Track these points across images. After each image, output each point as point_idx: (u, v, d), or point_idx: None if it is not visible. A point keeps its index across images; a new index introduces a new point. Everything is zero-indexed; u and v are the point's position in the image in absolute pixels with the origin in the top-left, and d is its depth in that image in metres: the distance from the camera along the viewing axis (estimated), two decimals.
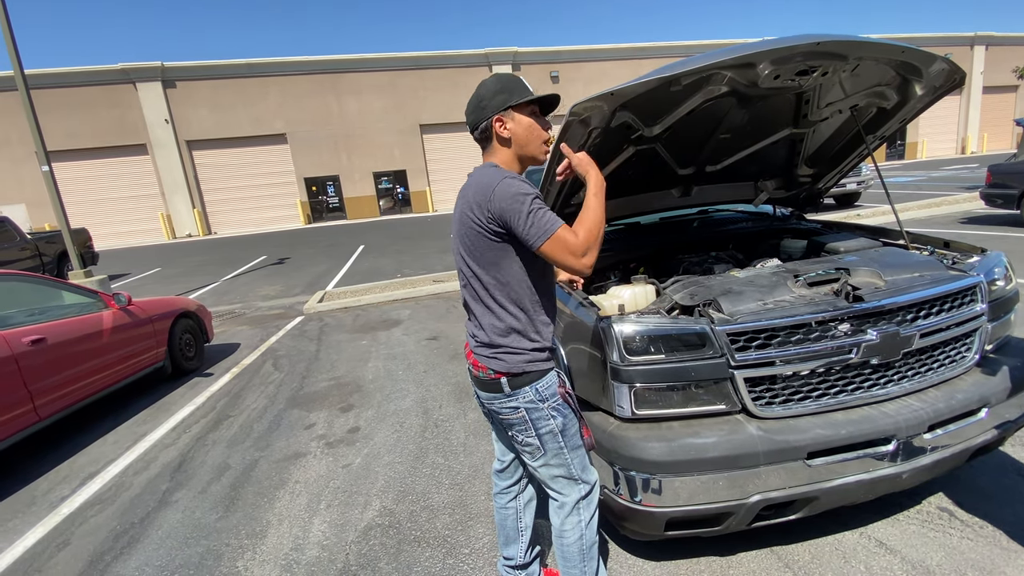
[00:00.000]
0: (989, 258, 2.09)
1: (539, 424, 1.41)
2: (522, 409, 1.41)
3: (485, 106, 1.40)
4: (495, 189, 1.28)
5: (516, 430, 1.45)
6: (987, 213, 9.01)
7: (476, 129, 1.43)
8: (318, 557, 2.17)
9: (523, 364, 1.38)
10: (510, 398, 1.41)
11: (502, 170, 1.34)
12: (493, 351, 1.40)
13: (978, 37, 29.91)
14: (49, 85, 19.74)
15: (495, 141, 1.41)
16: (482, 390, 1.47)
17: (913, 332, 1.72)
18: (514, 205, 1.26)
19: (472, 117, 1.43)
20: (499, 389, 1.41)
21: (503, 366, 1.39)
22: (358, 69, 23.08)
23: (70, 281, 5.67)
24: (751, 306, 1.74)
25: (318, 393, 4.06)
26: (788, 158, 2.94)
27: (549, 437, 1.42)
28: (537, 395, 1.40)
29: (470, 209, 1.33)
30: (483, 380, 1.44)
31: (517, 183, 1.29)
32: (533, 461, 1.48)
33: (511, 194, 1.27)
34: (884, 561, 1.85)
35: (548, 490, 1.52)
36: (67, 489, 2.95)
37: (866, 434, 1.61)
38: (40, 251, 9.95)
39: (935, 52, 2.04)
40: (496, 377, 1.40)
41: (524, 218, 1.25)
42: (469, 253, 1.37)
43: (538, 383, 1.40)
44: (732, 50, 1.75)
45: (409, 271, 9.10)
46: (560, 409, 1.42)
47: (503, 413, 1.45)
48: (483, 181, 1.33)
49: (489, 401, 1.47)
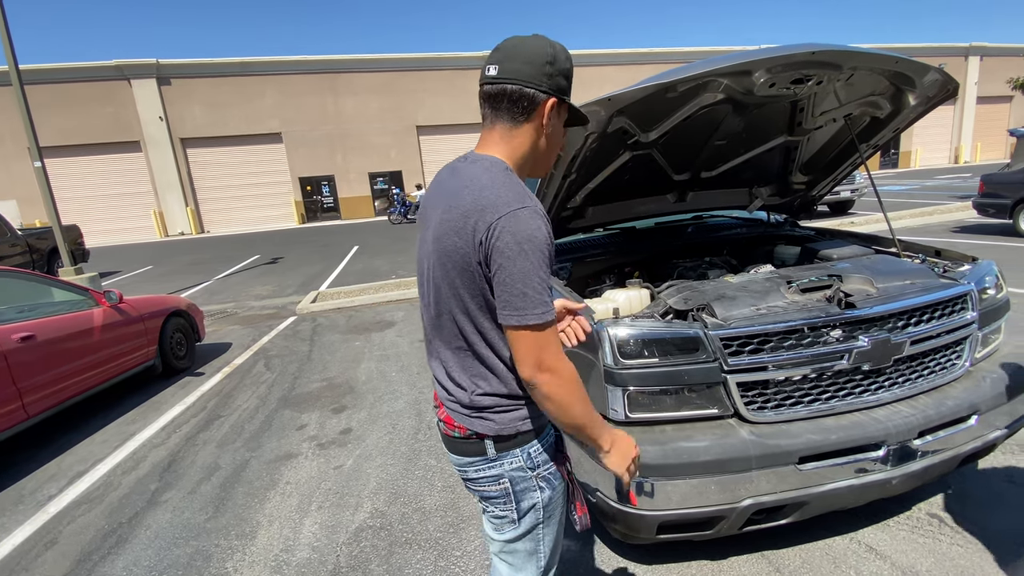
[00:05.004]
0: (980, 267, 2.12)
1: (522, 497, 1.10)
2: (506, 479, 1.09)
3: (552, 75, 1.00)
4: (506, 219, 0.92)
5: (491, 503, 1.13)
6: (979, 222, 9.11)
7: (515, 91, 0.98)
8: (308, 559, 2.16)
9: (517, 423, 1.07)
10: (493, 464, 1.09)
11: (518, 184, 0.99)
12: (478, 411, 1.07)
13: (972, 48, 30.30)
14: (43, 81, 19.57)
15: (527, 123, 1.02)
16: (455, 453, 1.13)
17: (904, 339, 1.73)
18: (518, 263, 0.91)
19: (525, 69, 0.98)
20: (480, 452, 1.09)
21: (491, 427, 1.07)
22: (355, 69, 23.06)
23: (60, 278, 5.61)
24: (744, 311, 1.75)
25: (310, 394, 4.03)
26: (783, 165, 2.97)
27: (530, 513, 1.11)
28: (528, 461, 1.08)
29: (462, 220, 0.96)
30: (457, 441, 1.11)
31: (540, 225, 0.93)
32: (496, 533, 1.16)
33: (524, 239, 0.91)
34: (874, 566, 1.86)
35: (500, 559, 1.20)
36: (55, 488, 2.91)
37: (857, 439, 1.62)
38: (31, 247, 9.84)
39: (929, 63, 2.07)
40: (477, 438, 1.08)
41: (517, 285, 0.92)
42: (458, 277, 1.00)
43: (531, 446, 1.09)
44: (728, 58, 1.77)
45: (404, 272, 9.08)
46: (551, 479, 1.12)
47: (479, 484, 1.12)
48: (491, 194, 0.95)
49: (462, 468, 1.13)
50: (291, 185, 23.43)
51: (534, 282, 0.92)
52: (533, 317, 0.92)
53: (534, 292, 0.92)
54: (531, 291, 0.92)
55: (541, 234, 0.93)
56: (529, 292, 0.92)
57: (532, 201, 0.96)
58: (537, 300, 0.92)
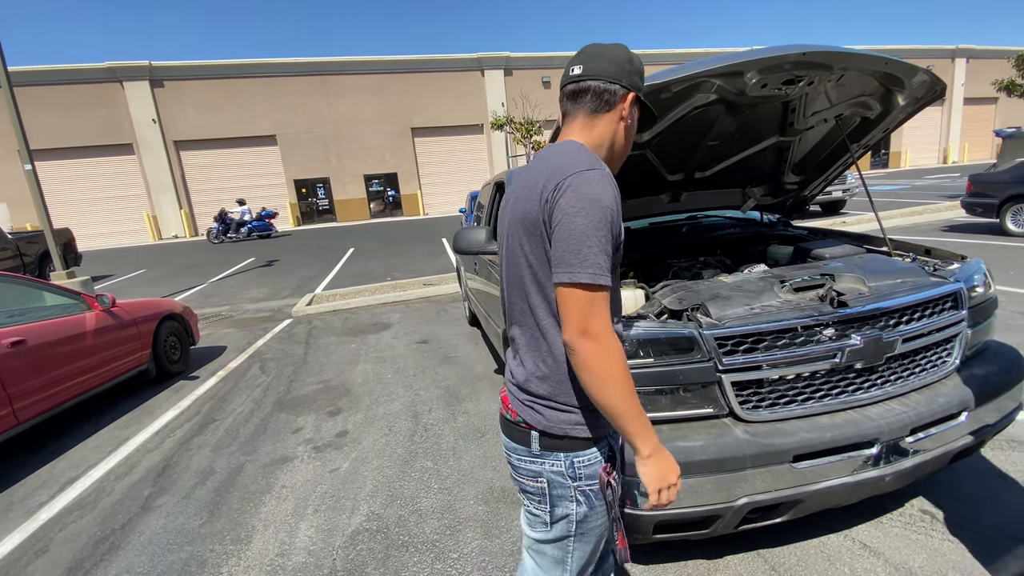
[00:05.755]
0: (969, 265, 2.14)
1: (557, 503, 1.07)
2: (544, 479, 1.06)
3: (631, 72, 1.06)
4: (572, 177, 0.93)
5: (528, 497, 1.13)
6: (968, 221, 9.21)
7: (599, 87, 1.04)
8: (304, 563, 2.15)
9: (567, 427, 1.03)
10: (535, 460, 1.07)
11: (592, 155, 0.99)
12: (530, 399, 1.06)
13: (959, 50, 30.67)
14: (34, 83, 19.43)
15: (608, 114, 1.06)
16: (506, 435, 1.14)
17: (895, 337, 1.75)
18: (577, 220, 0.90)
19: (610, 68, 1.04)
20: (526, 443, 1.07)
21: (539, 421, 1.05)
22: (349, 71, 23.04)
23: (52, 282, 5.57)
24: (738, 311, 1.76)
25: (306, 397, 4.02)
26: (775, 165, 2.99)
27: (562, 521, 1.09)
28: (570, 469, 1.04)
29: (533, 184, 0.99)
30: (508, 423, 1.12)
31: (607, 189, 0.93)
32: (528, 528, 1.16)
33: (587, 198, 0.91)
34: (868, 563, 1.87)
35: (528, 554, 1.20)
36: (46, 495, 2.88)
37: (850, 437, 1.64)
38: (21, 251, 9.75)
39: (917, 64, 2.09)
40: (526, 427, 1.07)
41: (573, 241, 0.91)
42: (527, 242, 1.00)
43: (578, 455, 1.04)
44: (720, 59, 1.78)
45: (399, 274, 9.06)
46: (591, 496, 1.06)
47: (519, 473, 1.11)
48: (563, 160, 0.97)
49: (509, 452, 1.14)
50: (286, 188, 23.35)
51: (591, 242, 0.90)
52: (586, 276, 0.89)
53: (590, 251, 0.90)
54: (587, 249, 0.90)
55: (607, 197, 0.92)
56: (585, 250, 0.90)
57: (602, 167, 0.96)
58: (592, 260, 0.90)
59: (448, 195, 24.95)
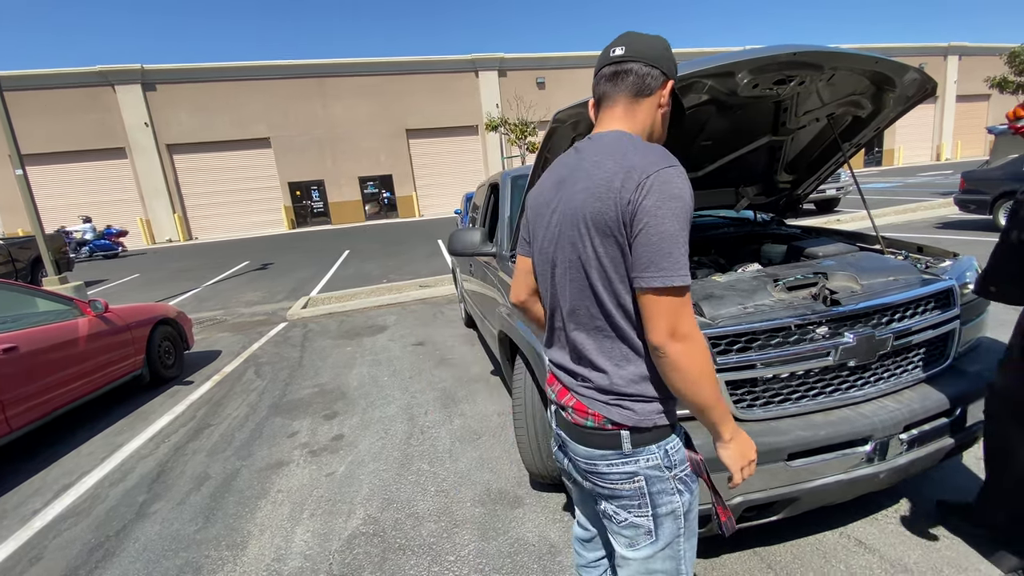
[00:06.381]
0: (961, 262, 2.15)
1: (659, 500, 1.02)
2: (641, 477, 1.02)
3: (670, 60, 1.06)
4: (654, 176, 0.90)
5: (621, 505, 1.05)
6: (961, 218, 9.27)
7: (641, 68, 1.02)
8: (301, 567, 2.14)
9: (655, 416, 1.00)
10: (628, 460, 1.02)
11: (661, 149, 0.96)
12: (618, 398, 1.02)
13: (952, 47, 30.87)
14: (25, 87, 19.29)
15: (648, 99, 1.04)
16: (585, 444, 1.06)
17: (888, 335, 1.76)
18: (667, 224, 0.89)
19: (651, 52, 1.03)
20: (615, 445, 1.02)
21: (630, 417, 1.00)
22: (343, 73, 22.99)
23: (44, 288, 5.53)
24: (731, 310, 1.76)
25: (301, 400, 4.00)
26: (768, 164, 3.00)
27: (668, 520, 1.03)
28: (665, 459, 1.02)
29: (606, 184, 0.94)
30: (588, 431, 1.04)
31: (686, 185, 0.92)
32: (631, 550, 1.06)
33: (673, 197, 0.89)
34: (864, 560, 1.88)
35: None
36: (40, 502, 2.86)
37: (844, 435, 1.64)
38: (13, 257, 9.68)
39: (908, 62, 2.10)
40: (613, 429, 1.01)
41: (664, 245, 0.89)
42: (601, 245, 0.96)
43: (668, 441, 1.02)
44: (712, 59, 1.79)
45: (395, 276, 9.05)
46: (688, 482, 1.05)
47: (610, 480, 1.04)
48: (637, 157, 0.93)
49: (591, 461, 1.05)
50: (280, 190, 23.28)
51: (680, 243, 0.90)
52: (678, 279, 0.89)
53: (679, 253, 0.89)
54: (677, 252, 0.89)
55: (687, 194, 0.91)
56: (675, 253, 0.89)
57: (675, 161, 0.94)
58: (682, 262, 0.89)
59: (444, 197, 24.94)
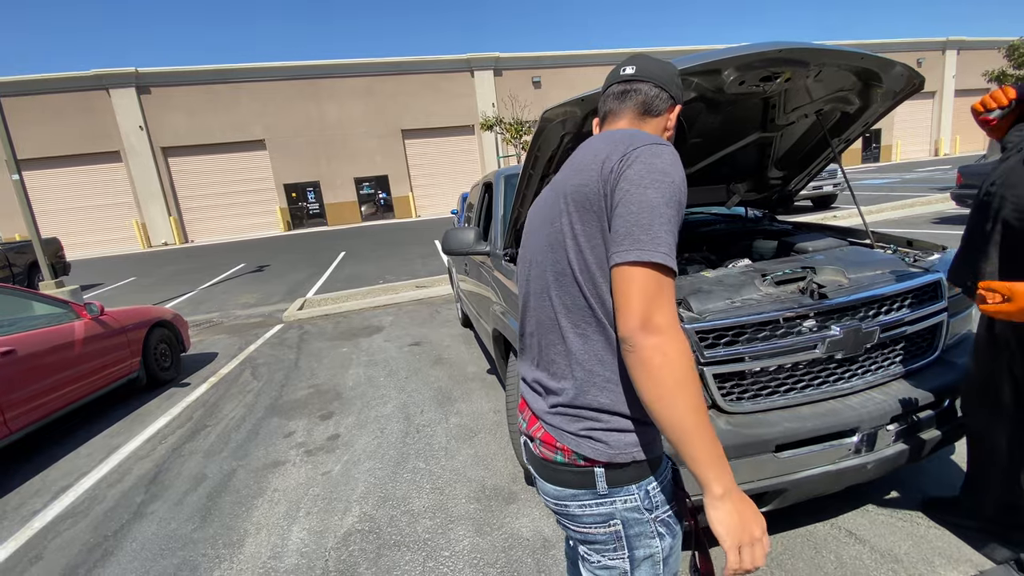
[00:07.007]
0: (948, 256, 2.17)
1: (637, 543, 0.89)
2: (618, 520, 0.88)
3: (678, 86, 1.03)
4: (642, 149, 0.82)
5: (595, 549, 0.91)
6: (958, 213, 9.30)
7: (650, 90, 0.99)
8: (297, 565, 2.16)
9: (632, 449, 0.85)
10: (603, 501, 0.87)
11: (656, 135, 0.92)
12: (587, 423, 0.87)
13: (950, 42, 30.86)
14: (20, 92, 19.24)
15: (654, 119, 1.00)
16: (552, 483, 0.92)
17: (875, 327, 1.78)
18: (648, 193, 0.78)
19: (661, 75, 1.00)
20: (587, 484, 0.87)
21: (604, 451, 0.85)
22: (338, 74, 22.96)
23: (41, 291, 5.53)
24: (719, 304, 1.78)
25: (297, 401, 4.02)
26: (758, 161, 3.02)
27: (646, 564, 0.90)
28: (646, 500, 0.87)
29: (591, 159, 0.87)
30: (557, 468, 0.90)
31: (677, 166, 0.83)
32: None
33: (658, 171, 0.80)
34: (854, 551, 1.90)
35: None
36: (39, 503, 2.87)
37: (832, 426, 1.66)
38: (10, 262, 9.67)
39: (906, 58, 2.12)
40: (585, 466, 0.87)
41: (644, 215, 0.77)
42: (578, 221, 0.86)
43: (649, 481, 0.88)
44: (698, 57, 1.81)
45: (392, 277, 9.05)
46: (671, 524, 0.91)
47: (582, 523, 0.90)
48: (629, 135, 0.87)
49: (561, 502, 0.91)
50: (276, 192, 23.24)
51: (664, 218, 0.77)
52: (657, 255, 0.75)
53: (661, 227, 0.77)
54: (659, 226, 0.77)
55: (677, 173, 0.81)
56: (656, 227, 0.76)
57: (671, 145, 0.87)
58: (664, 239, 0.77)
59: (440, 197, 24.93)
